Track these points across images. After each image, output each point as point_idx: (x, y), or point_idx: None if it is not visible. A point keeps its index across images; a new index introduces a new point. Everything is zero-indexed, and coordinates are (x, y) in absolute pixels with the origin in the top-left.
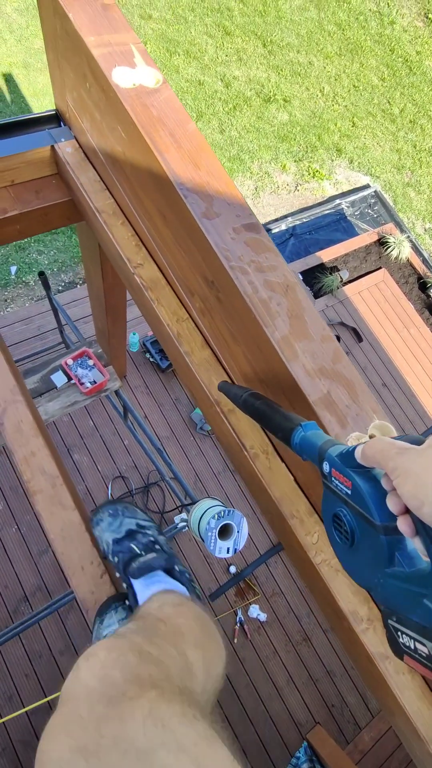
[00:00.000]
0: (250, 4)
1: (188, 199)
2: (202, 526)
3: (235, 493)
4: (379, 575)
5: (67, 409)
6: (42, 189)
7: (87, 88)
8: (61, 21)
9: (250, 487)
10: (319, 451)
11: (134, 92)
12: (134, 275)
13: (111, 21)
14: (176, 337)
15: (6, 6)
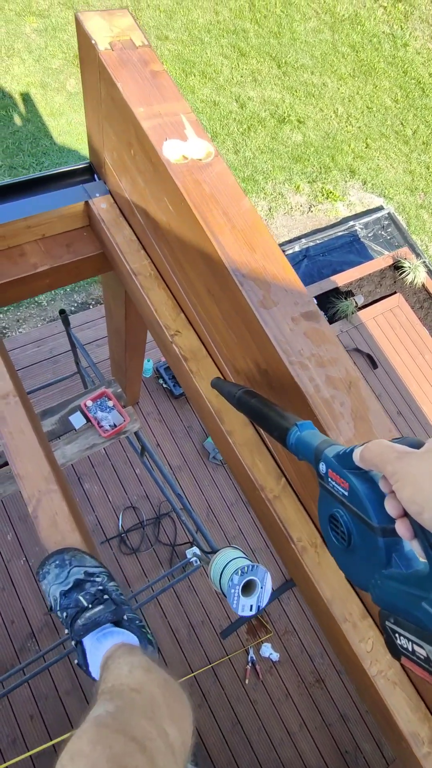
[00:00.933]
0: (265, 25)
1: (244, 286)
2: (224, 580)
3: (247, 525)
4: (377, 576)
5: (85, 452)
6: (73, 242)
7: (131, 155)
8: (107, 87)
9: (296, 579)
10: (315, 451)
11: (185, 167)
12: (172, 344)
13: (161, 89)
14: (217, 414)
15: (25, 27)
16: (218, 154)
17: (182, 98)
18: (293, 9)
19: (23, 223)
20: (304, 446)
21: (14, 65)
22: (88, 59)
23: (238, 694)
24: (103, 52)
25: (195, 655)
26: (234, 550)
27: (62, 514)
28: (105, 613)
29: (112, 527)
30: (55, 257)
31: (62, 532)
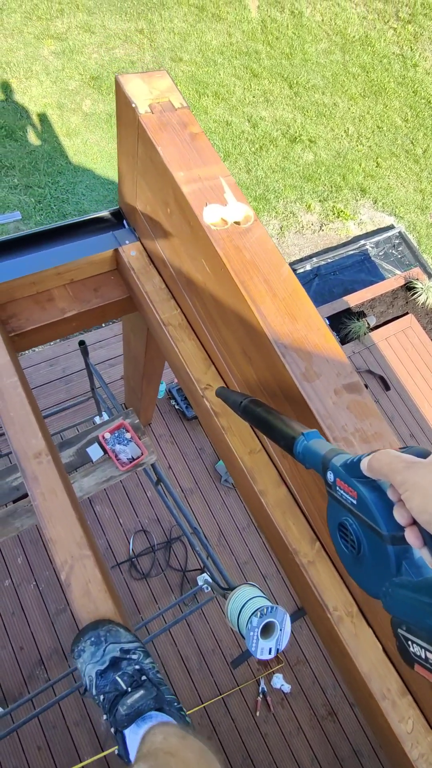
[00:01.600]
0: (277, 47)
1: (287, 358)
2: (242, 621)
3: (259, 551)
4: (387, 584)
5: (102, 484)
6: (100, 286)
7: (167, 213)
8: (146, 148)
9: (330, 649)
10: (322, 460)
11: (226, 233)
12: (203, 398)
13: (200, 152)
14: (249, 472)
15: (43, 49)
16: (257, 218)
17: (220, 161)
18: (305, 31)
19: (54, 270)
20: (311, 455)
21: (32, 86)
22: (127, 119)
23: (249, 727)
24: (143, 116)
25: (205, 684)
26: (251, 588)
27: (95, 582)
28: (147, 701)
29: (122, 551)
30: (83, 302)
31: (95, 600)
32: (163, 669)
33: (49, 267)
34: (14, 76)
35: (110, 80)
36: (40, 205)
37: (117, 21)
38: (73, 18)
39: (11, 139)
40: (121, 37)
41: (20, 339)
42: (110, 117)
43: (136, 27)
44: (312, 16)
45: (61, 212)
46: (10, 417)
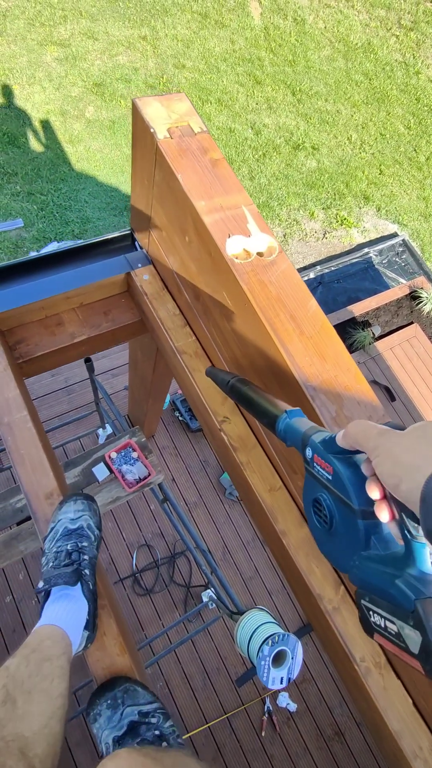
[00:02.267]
0: (280, 54)
1: (316, 402)
2: (252, 648)
3: (264, 566)
4: (356, 558)
5: (108, 505)
6: (111, 309)
7: (185, 241)
8: (164, 174)
9: (357, 702)
10: (302, 437)
11: (250, 267)
12: (220, 431)
13: (221, 180)
14: (269, 512)
15: (46, 56)
16: (281, 249)
17: (242, 188)
18: (307, 38)
19: (63, 295)
20: (292, 432)
21: (35, 93)
22: (144, 143)
23: (254, 748)
24: (162, 141)
25: (209, 703)
26: (261, 613)
27: (111, 634)
28: None
29: (125, 566)
30: (93, 326)
31: (111, 655)
32: (166, 687)
33: (60, 293)
34: (17, 83)
35: (113, 87)
36: (43, 212)
37: (120, 28)
38: (76, 24)
39: (14, 145)
40: (124, 44)
41: (28, 365)
42: (113, 124)
43: (139, 34)
44: (315, 23)
45: (63, 219)
46: (21, 455)
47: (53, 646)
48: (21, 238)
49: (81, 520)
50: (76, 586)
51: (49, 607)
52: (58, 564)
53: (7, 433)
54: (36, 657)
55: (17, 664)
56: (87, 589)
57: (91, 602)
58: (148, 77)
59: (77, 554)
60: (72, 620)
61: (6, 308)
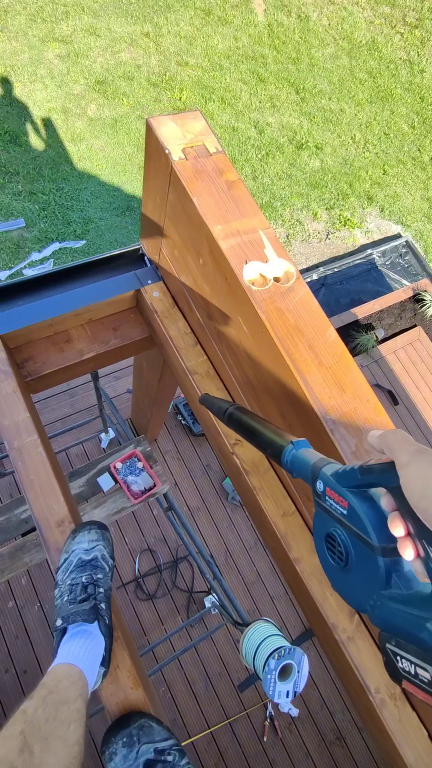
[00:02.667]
0: (283, 51)
1: (336, 435)
2: (258, 661)
3: (266, 570)
4: (375, 597)
5: (113, 516)
6: (120, 325)
7: (199, 263)
8: (179, 196)
9: (371, 733)
10: (312, 469)
11: (267, 294)
12: (232, 455)
13: (237, 202)
14: (282, 538)
15: (48, 52)
16: (299, 275)
17: (259, 211)
18: (311, 35)
19: (73, 312)
20: (300, 464)
21: (37, 91)
22: (158, 163)
23: (256, 753)
24: (177, 163)
25: (212, 708)
26: (267, 625)
27: (124, 667)
28: None
29: (128, 571)
30: (102, 342)
31: (124, 688)
32: (168, 692)
33: (69, 311)
34: (18, 80)
35: (116, 85)
36: (44, 212)
37: (122, 24)
38: (78, 21)
39: (15, 144)
40: (126, 41)
41: (36, 383)
42: (115, 122)
43: (141, 30)
44: (319, 20)
45: (65, 220)
46: (30, 480)
47: (70, 687)
48: (23, 238)
49: (95, 551)
50: (93, 624)
51: (66, 644)
52: (74, 598)
53: (17, 458)
54: (53, 699)
55: (35, 708)
56: (104, 625)
57: (108, 638)
58: (150, 75)
59: (93, 587)
60: (89, 658)
61: (15, 327)
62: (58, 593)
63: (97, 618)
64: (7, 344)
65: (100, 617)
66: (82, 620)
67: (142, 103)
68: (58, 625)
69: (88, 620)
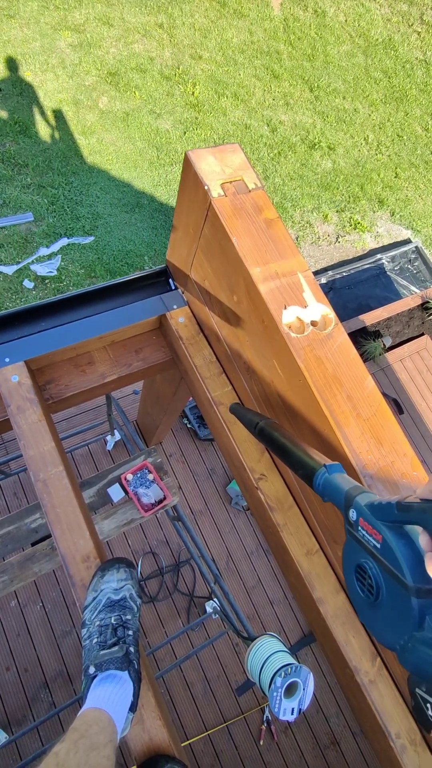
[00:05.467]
0: (299, 47)
1: (373, 490)
2: (264, 678)
3: (267, 576)
4: (406, 638)
5: (123, 528)
6: (142, 347)
7: (233, 300)
8: (215, 231)
9: None
10: (345, 496)
11: (306, 341)
12: (257, 489)
13: (276, 243)
14: (306, 577)
15: (60, 41)
16: (338, 321)
17: (298, 252)
18: (327, 31)
19: (97, 336)
20: (332, 489)
21: (48, 81)
22: (195, 197)
23: (252, 755)
24: (216, 200)
25: (209, 711)
26: (273, 641)
27: (149, 707)
28: None
29: None
30: (124, 366)
31: (149, 730)
32: (167, 694)
33: (93, 336)
34: (30, 69)
35: (128, 77)
36: (53, 206)
37: (137, 14)
38: (91, 9)
39: (25, 135)
40: (140, 31)
41: (56, 405)
42: (127, 116)
43: (156, 21)
44: (335, 16)
45: (74, 215)
46: (56, 514)
47: (100, 732)
48: (31, 232)
49: (124, 590)
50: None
51: (96, 689)
52: (104, 641)
53: (43, 491)
54: (84, 744)
55: (66, 751)
56: (133, 671)
57: (136, 683)
58: (163, 68)
59: (122, 629)
60: (118, 704)
61: (41, 353)
62: (86, 634)
63: (128, 664)
64: (31, 368)
65: (130, 663)
66: (115, 668)
67: (155, 96)
68: (91, 673)
69: (120, 669)
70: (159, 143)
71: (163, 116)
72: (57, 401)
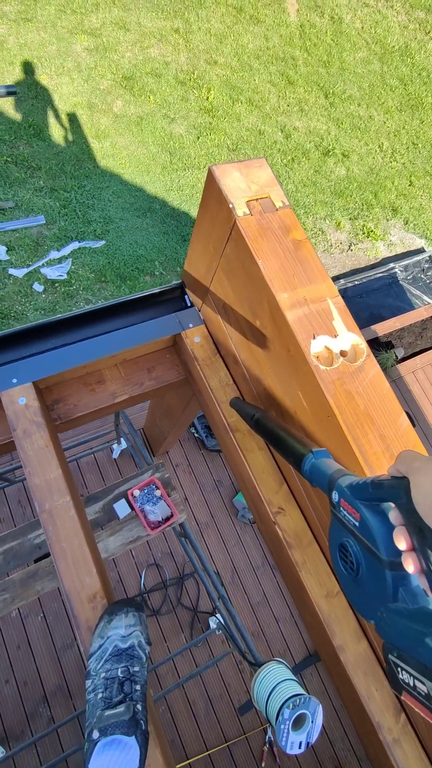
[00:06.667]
0: (314, 54)
1: None
2: (271, 708)
3: (273, 592)
4: (382, 609)
5: (128, 545)
6: (155, 366)
7: (256, 325)
8: (238, 251)
9: None
10: (329, 479)
11: (336, 374)
12: (274, 524)
13: (304, 266)
14: (325, 621)
15: (76, 45)
16: (369, 352)
17: (327, 276)
18: (344, 38)
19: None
20: (318, 473)
21: (63, 84)
22: (218, 214)
23: None
24: (241, 219)
25: (211, 730)
26: (280, 668)
27: (155, 765)
28: None
29: (133, 585)
30: (135, 385)
31: None
32: (168, 712)
33: (105, 355)
34: (45, 72)
35: (143, 81)
36: (65, 210)
37: (153, 19)
38: (108, 13)
39: (39, 138)
40: (156, 36)
41: (64, 425)
42: (141, 120)
43: (172, 26)
44: (352, 22)
45: (86, 218)
46: (62, 548)
47: None
48: (42, 235)
49: (132, 638)
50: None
51: (99, 757)
52: (110, 697)
53: (48, 522)
54: None
55: None
56: (140, 733)
57: (143, 747)
58: (178, 72)
59: (129, 684)
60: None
61: (50, 373)
62: (91, 686)
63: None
64: (39, 387)
65: (137, 725)
66: (121, 733)
67: (169, 101)
68: (95, 738)
69: (127, 734)
70: (172, 148)
71: (177, 121)
72: (65, 422)
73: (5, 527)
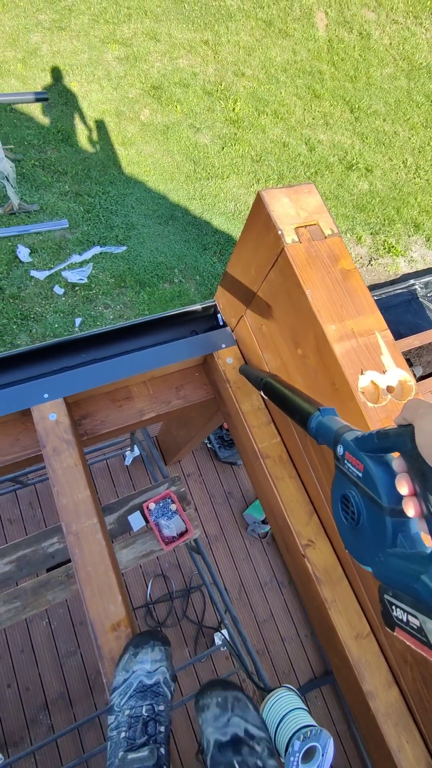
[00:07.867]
0: (341, 68)
1: None
2: (281, 737)
3: (280, 610)
4: (381, 554)
5: (141, 559)
6: (184, 384)
7: (297, 354)
8: (284, 278)
9: None
10: (335, 434)
11: (384, 413)
12: (303, 557)
13: (353, 297)
14: (355, 665)
15: (107, 54)
16: (417, 388)
17: (375, 308)
18: (371, 54)
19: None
20: (324, 430)
21: (93, 92)
22: (265, 239)
23: None
24: (289, 246)
25: None
26: (290, 695)
27: None
28: None
29: (140, 595)
30: (163, 403)
31: None
32: None
33: (136, 374)
34: (76, 80)
35: (171, 91)
36: (89, 214)
37: (183, 30)
38: (140, 24)
39: (67, 144)
40: (185, 47)
41: (90, 441)
42: (167, 129)
43: (201, 38)
44: (380, 38)
45: (108, 224)
46: (87, 572)
47: None
48: (65, 239)
49: (158, 674)
50: None
51: None
52: (133, 738)
53: (74, 545)
54: None
55: None
56: None
57: None
58: (206, 83)
59: (153, 725)
60: None
61: (80, 390)
62: (114, 723)
63: None
64: (68, 402)
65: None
66: None
67: (196, 111)
68: None
69: None
70: (197, 157)
71: (203, 131)
72: (91, 437)
73: (16, 528)
